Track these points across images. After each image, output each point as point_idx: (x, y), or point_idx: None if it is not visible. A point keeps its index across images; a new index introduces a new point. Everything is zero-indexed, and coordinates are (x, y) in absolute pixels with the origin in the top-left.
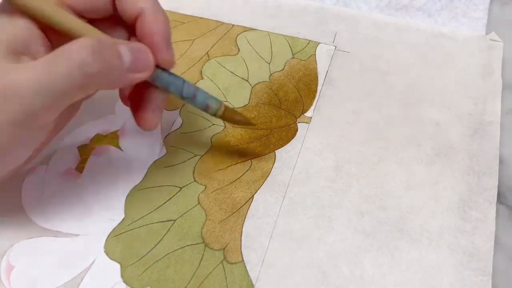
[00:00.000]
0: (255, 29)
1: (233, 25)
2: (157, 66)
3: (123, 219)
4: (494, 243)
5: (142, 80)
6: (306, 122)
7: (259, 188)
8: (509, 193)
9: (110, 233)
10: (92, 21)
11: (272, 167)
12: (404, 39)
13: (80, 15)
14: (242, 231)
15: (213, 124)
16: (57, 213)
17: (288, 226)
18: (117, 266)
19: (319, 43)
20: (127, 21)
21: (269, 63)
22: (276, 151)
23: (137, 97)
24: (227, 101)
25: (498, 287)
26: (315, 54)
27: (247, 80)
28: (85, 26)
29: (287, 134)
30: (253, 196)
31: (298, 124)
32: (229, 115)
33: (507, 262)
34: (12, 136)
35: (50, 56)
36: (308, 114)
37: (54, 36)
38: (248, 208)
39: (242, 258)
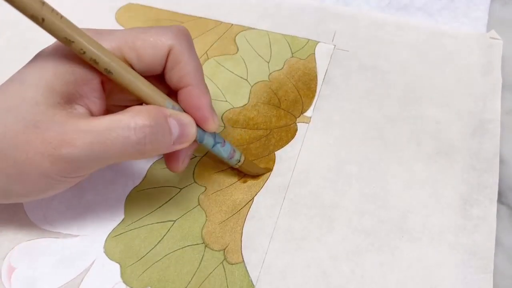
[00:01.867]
0: (254, 28)
1: (232, 24)
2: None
3: (123, 220)
4: (495, 243)
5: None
6: (306, 122)
7: (259, 189)
8: (510, 192)
9: (110, 233)
10: None
11: (272, 167)
12: (403, 38)
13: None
14: (242, 232)
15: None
16: (57, 214)
17: (289, 226)
18: (117, 266)
19: (318, 42)
20: (169, 86)
21: (268, 62)
22: (276, 152)
23: None
24: (226, 101)
25: (499, 287)
26: (314, 53)
27: (246, 80)
28: (146, 85)
29: (287, 134)
30: (253, 197)
31: (297, 124)
32: (246, 168)
33: (507, 262)
34: (55, 182)
35: (107, 124)
36: (308, 113)
37: (109, 86)
38: (249, 209)
39: (243, 258)
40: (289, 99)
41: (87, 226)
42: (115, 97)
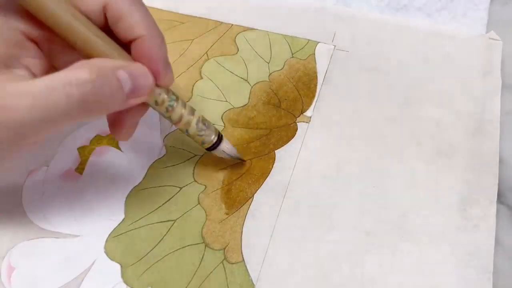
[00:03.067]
0: (254, 29)
1: (232, 24)
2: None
3: (123, 220)
4: (494, 243)
5: (138, 103)
6: (306, 122)
7: (259, 188)
8: (509, 193)
9: (110, 233)
10: None
11: (272, 167)
12: (403, 38)
13: None
14: (242, 231)
15: (213, 125)
16: (57, 214)
17: (289, 225)
18: (118, 266)
19: (318, 42)
20: (121, 40)
21: (268, 63)
22: (275, 151)
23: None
24: (226, 101)
25: (498, 287)
26: (314, 54)
27: (247, 80)
28: (91, 31)
29: (287, 133)
30: (253, 196)
31: (297, 123)
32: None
33: (507, 262)
34: (5, 150)
35: (47, 83)
36: (308, 113)
37: (49, 47)
38: (248, 208)
39: (243, 258)
40: (289, 99)
41: (88, 226)
42: (59, 58)
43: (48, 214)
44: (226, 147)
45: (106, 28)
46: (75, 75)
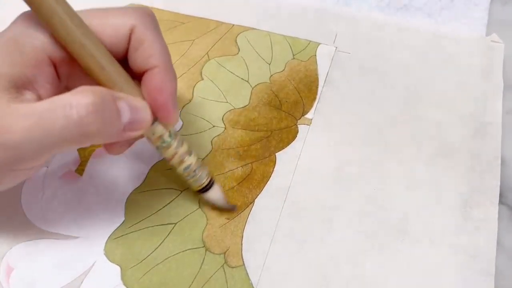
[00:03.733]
0: (255, 29)
1: (233, 25)
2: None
3: (123, 222)
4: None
5: (134, 137)
6: (307, 124)
7: (260, 192)
8: (510, 193)
9: (110, 235)
10: None
11: (273, 170)
12: (404, 39)
13: None
14: (243, 235)
15: (214, 126)
16: (57, 216)
17: (289, 229)
18: (117, 269)
19: (319, 43)
20: (134, 68)
21: (269, 64)
22: (276, 154)
23: None
24: (227, 102)
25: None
26: (315, 55)
27: (247, 81)
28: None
29: (288, 136)
30: (254, 200)
31: (298, 126)
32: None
33: (508, 263)
34: (2, 174)
35: (49, 105)
36: (309, 115)
37: (67, 70)
38: (249, 212)
39: (243, 262)
40: (290, 101)
41: (87, 228)
42: (76, 84)
43: (47, 215)
44: (214, 195)
45: (123, 59)
46: (76, 98)
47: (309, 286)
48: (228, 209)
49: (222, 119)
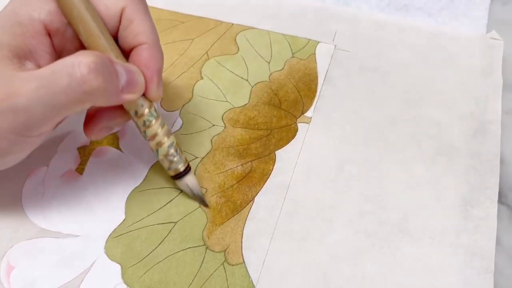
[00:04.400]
0: (254, 28)
1: (233, 24)
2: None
3: (123, 220)
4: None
5: (131, 101)
6: (306, 122)
7: (259, 190)
8: (510, 193)
9: (111, 234)
10: None
11: (273, 168)
12: (404, 38)
13: None
14: (243, 233)
15: (213, 125)
16: (57, 214)
17: (289, 227)
18: (118, 267)
19: (319, 42)
20: (123, 47)
21: (268, 63)
22: (276, 152)
23: (97, 109)
24: (227, 101)
25: (499, 287)
26: (315, 54)
27: (247, 80)
28: (100, 32)
29: (287, 134)
30: (253, 198)
31: (298, 124)
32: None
33: (508, 263)
34: (12, 142)
35: (52, 68)
36: (308, 114)
37: (61, 42)
38: (249, 210)
39: (243, 259)
40: (289, 100)
41: (88, 226)
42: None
43: (48, 214)
44: (190, 181)
45: (115, 36)
46: (78, 58)
47: (309, 284)
48: (201, 199)
49: (222, 118)
